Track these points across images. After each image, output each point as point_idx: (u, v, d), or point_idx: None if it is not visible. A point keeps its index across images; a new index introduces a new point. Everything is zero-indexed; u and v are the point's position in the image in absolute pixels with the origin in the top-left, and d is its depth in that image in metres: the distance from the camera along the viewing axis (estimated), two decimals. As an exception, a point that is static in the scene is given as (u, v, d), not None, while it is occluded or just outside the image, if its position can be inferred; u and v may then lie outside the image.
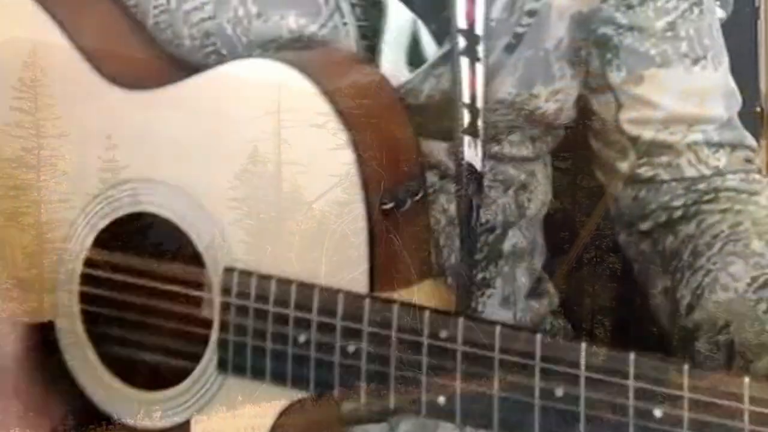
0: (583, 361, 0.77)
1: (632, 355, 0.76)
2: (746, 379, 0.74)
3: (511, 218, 1.07)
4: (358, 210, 0.84)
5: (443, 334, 0.80)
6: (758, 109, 1.38)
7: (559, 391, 0.78)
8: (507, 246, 1.07)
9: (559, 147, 1.13)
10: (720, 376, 0.75)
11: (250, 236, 0.86)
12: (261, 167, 0.86)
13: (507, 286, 1.07)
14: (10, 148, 0.93)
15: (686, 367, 0.75)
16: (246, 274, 0.86)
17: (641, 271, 1.07)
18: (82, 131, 0.93)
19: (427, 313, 0.81)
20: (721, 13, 1.19)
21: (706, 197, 1.04)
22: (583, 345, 0.77)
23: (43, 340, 0.93)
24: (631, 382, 0.75)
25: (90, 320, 0.93)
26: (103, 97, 0.92)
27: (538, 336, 0.78)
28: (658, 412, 0.75)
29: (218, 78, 0.90)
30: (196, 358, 0.88)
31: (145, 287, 0.91)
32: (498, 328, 0.79)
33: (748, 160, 1.06)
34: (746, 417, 0.73)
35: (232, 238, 0.87)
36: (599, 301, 1.18)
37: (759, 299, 0.95)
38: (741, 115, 1.08)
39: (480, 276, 1.06)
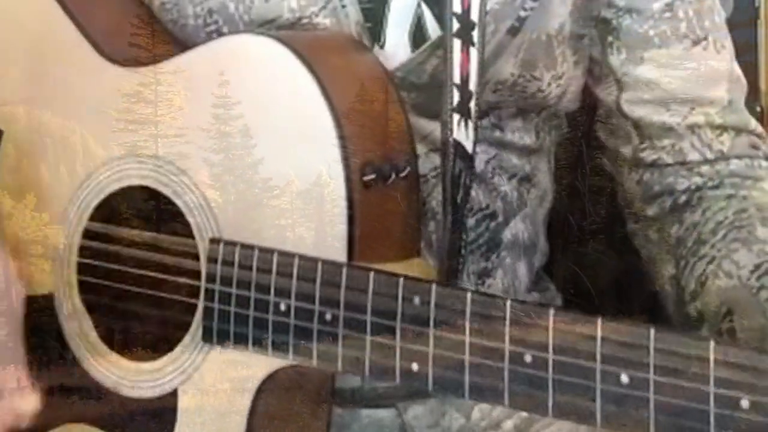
0: (551, 326, 0.77)
1: (599, 320, 0.76)
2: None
3: (512, 207, 1.07)
4: (338, 182, 0.85)
5: (416, 300, 0.81)
6: (758, 109, 1.37)
7: (528, 357, 0.78)
8: (507, 235, 1.07)
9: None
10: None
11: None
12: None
13: (507, 278, 1.08)
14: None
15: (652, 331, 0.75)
16: (230, 244, 0.88)
17: (649, 259, 1.07)
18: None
19: (401, 281, 0.82)
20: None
21: (711, 183, 1.03)
22: (551, 310, 0.78)
23: (42, 311, 0.96)
24: (598, 346, 0.76)
25: (86, 292, 0.95)
26: None
27: (509, 302, 0.79)
28: (624, 377, 0.76)
29: None
30: (186, 328, 0.90)
31: (139, 259, 0.93)
32: (469, 295, 0.80)
33: (754, 146, 1.05)
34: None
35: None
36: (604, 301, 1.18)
37: (761, 286, 0.94)
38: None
39: (482, 266, 1.06)
